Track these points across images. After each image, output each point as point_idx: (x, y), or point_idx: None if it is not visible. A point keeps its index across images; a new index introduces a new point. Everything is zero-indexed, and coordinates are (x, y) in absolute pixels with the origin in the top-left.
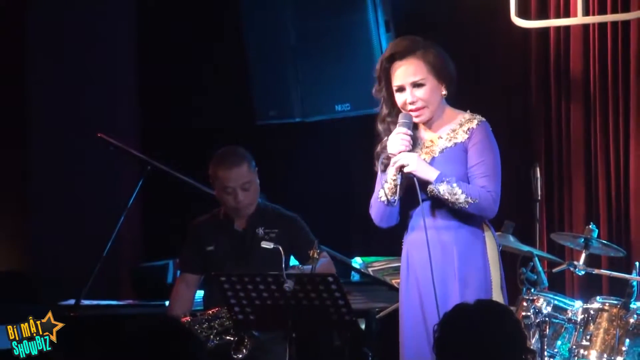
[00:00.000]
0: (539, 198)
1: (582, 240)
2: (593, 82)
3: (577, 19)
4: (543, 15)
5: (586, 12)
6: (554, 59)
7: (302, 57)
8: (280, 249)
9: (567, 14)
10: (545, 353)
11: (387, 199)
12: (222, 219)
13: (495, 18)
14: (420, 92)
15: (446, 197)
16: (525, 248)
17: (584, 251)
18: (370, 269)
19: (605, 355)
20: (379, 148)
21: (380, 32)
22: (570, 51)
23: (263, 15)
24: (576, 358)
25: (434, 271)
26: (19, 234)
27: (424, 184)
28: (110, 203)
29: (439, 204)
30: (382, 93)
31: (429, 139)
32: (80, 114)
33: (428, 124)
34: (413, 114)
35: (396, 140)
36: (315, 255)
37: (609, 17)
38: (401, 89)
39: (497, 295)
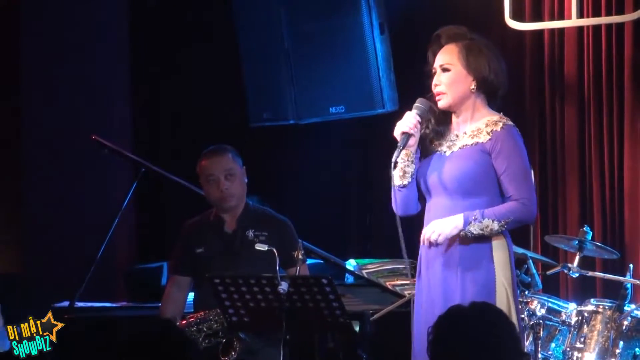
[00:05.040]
0: None
1: (576, 242)
2: (587, 84)
3: (572, 22)
4: (537, 17)
5: (580, 15)
6: (548, 62)
7: (296, 59)
8: (274, 251)
9: (561, 17)
10: (539, 355)
11: (397, 183)
12: (212, 221)
13: (490, 20)
14: (444, 77)
15: (481, 233)
16: (520, 250)
17: (578, 253)
18: (364, 271)
19: (599, 358)
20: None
21: (374, 35)
22: (564, 53)
23: (257, 17)
24: None
25: (439, 272)
26: (12, 236)
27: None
28: (105, 205)
29: (446, 203)
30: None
31: (455, 132)
32: (74, 117)
33: (459, 117)
34: (437, 98)
35: (401, 123)
36: (300, 256)
37: (603, 20)
38: (434, 71)
39: (502, 298)
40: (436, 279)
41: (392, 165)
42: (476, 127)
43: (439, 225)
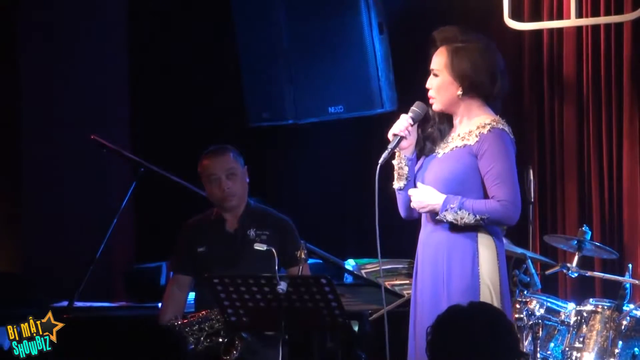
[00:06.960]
0: (532, 200)
1: (575, 242)
2: (586, 84)
3: (570, 21)
4: (536, 17)
5: (579, 14)
6: (547, 61)
7: (295, 59)
8: (273, 250)
9: (560, 16)
10: (538, 355)
11: (395, 185)
12: (214, 220)
13: (489, 20)
14: (434, 82)
15: (457, 222)
16: (519, 250)
17: (576, 253)
18: (363, 271)
19: (598, 358)
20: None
21: (373, 34)
22: (563, 53)
23: (256, 17)
24: None
25: (428, 272)
26: (11, 236)
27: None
28: (103, 205)
29: None
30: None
31: (451, 134)
32: (73, 116)
33: (456, 118)
34: (430, 101)
35: (395, 125)
36: (303, 256)
37: (602, 20)
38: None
39: (485, 300)
40: (427, 280)
41: (378, 166)
42: (468, 130)
43: (424, 195)
